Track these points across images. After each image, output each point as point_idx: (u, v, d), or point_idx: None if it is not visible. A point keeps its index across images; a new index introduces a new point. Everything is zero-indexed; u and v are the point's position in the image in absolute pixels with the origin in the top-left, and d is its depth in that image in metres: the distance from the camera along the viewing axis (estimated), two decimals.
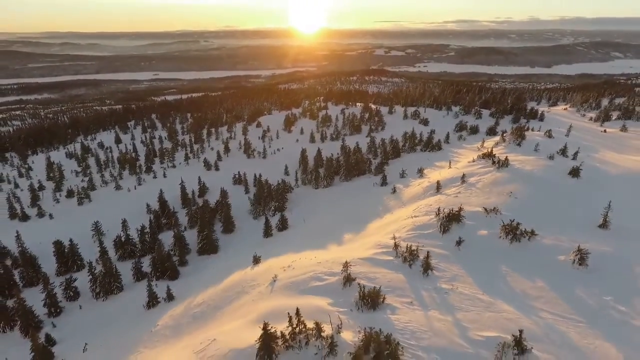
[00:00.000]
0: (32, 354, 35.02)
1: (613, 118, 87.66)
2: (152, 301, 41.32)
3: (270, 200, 66.99)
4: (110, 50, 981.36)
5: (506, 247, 31.65)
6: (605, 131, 76.81)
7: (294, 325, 21.49)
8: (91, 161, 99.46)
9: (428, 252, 29.48)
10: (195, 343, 25.46)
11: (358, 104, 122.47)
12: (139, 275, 50.48)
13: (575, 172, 45.96)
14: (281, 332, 21.20)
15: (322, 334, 20.90)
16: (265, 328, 20.90)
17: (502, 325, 21.47)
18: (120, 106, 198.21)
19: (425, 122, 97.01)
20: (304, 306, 22.79)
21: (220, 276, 39.91)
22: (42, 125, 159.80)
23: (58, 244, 54.72)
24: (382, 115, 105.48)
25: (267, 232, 55.63)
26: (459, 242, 32.55)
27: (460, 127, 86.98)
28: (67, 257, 54.99)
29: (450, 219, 35.60)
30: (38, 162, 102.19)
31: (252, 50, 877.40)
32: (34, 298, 45.38)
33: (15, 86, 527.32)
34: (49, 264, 55.09)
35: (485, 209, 37.01)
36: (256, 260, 39.88)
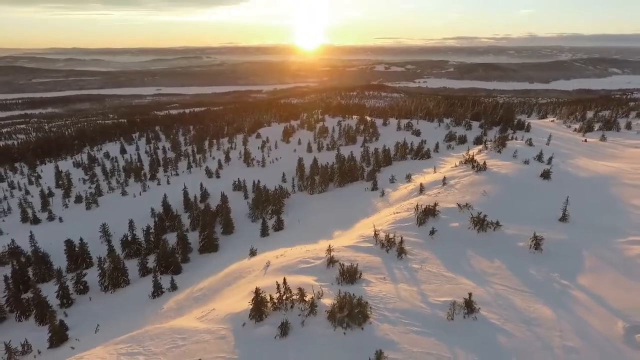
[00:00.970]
0: (50, 334, 38.89)
1: (595, 129, 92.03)
2: (157, 291, 45.06)
3: (267, 204, 71.01)
4: (114, 66, 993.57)
5: (473, 236, 35.68)
6: (585, 141, 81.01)
7: (282, 292, 25.59)
8: (97, 170, 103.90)
9: (402, 237, 33.60)
10: (197, 313, 29.40)
11: (354, 116, 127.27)
12: (144, 271, 54.30)
13: (546, 175, 50.16)
14: (270, 296, 25.35)
15: (305, 298, 25.06)
16: (256, 292, 24.99)
17: (459, 294, 25.34)
18: (124, 120, 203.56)
19: (417, 133, 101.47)
20: (292, 282, 26.84)
21: (220, 269, 43.85)
22: (50, 136, 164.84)
23: (69, 243, 58.63)
24: (376, 127, 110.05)
25: (264, 232, 59.62)
26: (432, 232, 36.60)
27: (450, 138, 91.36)
28: (77, 255, 58.80)
29: (427, 213, 39.68)
30: (47, 171, 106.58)
31: (253, 66, 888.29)
32: (46, 293, 49.09)
33: (20, 101, 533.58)
34: (59, 263, 58.89)
35: (459, 205, 41.11)
36: (252, 253, 43.81)
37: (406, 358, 21.03)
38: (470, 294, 24.60)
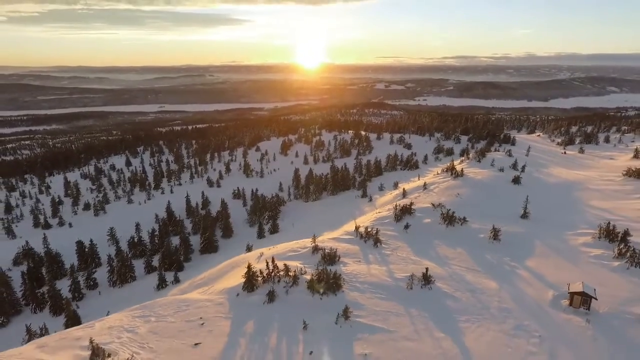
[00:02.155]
0: (65, 319, 43.43)
1: (576, 142, 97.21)
2: (162, 284, 49.60)
3: (264, 211, 75.76)
4: (119, 84, 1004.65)
5: (442, 230, 40.43)
6: (565, 153, 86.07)
7: (270, 269, 30.34)
8: (104, 181, 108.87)
9: (377, 229, 38.47)
10: (198, 291, 34.05)
11: (349, 131, 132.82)
12: (149, 268, 58.87)
13: (516, 180, 55.01)
14: (260, 270, 30.12)
15: (290, 274, 29.87)
16: (249, 268, 29.83)
17: (420, 271, 29.94)
18: (129, 135, 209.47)
19: (408, 146, 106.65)
20: (281, 266, 31.38)
21: (219, 264, 48.45)
22: (58, 150, 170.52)
23: (79, 244, 63.30)
24: (370, 141, 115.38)
25: (260, 234, 64.32)
26: (406, 227, 41.38)
27: (438, 150, 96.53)
28: (87, 255, 63.38)
29: (404, 212, 44.49)
30: (55, 182, 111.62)
31: (255, 84, 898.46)
32: (59, 288, 53.66)
33: (24, 117, 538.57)
34: (70, 263, 63.30)
35: (433, 205, 45.91)
36: (248, 249, 48.56)
37: (369, 314, 25.63)
38: (427, 269, 29.42)
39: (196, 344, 22.85)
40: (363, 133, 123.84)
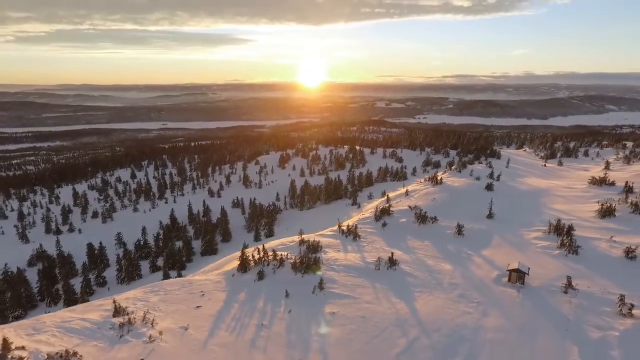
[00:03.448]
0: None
1: (558, 156, 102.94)
2: (166, 279, 54.68)
3: (262, 218, 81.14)
4: (122, 102, 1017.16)
5: (415, 227, 45.83)
6: (545, 165, 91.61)
7: (261, 255, 35.71)
8: (110, 192, 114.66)
9: (356, 225, 43.96)
10: (200, 275, 39.34)
11: (345, 146, 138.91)
12: (154, 268, 64.06)
13: (489, 187, 60.45)
14: (252, 255, 35.50)
15: (277, 257, 35.20)
16: (243, 252, 35.28)
17: (388, 257, 35.23)
18: (134, 150, 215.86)
19: (400, 160, 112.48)
20: (270, 252, 36.71)
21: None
22: (66, 163, 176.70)
23: (90, 246, 68.64)
24: (364, 155, 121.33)
25: (257, 237, 69.63)
26: (384, 225, 46.82)
27: (427, 163, 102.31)
28: (97, 256, 68.66)
29: (383, 213, 49.92)
30: (64, 193, 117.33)
31: (257, 102, 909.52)
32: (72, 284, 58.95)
33: (29, 134, 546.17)
34: (80, 264, 68.83)
35: (410, 207, 51.31)
36: (245, 247, 53.64)
37: (340, 286, 30.88)
38: (392, 254, 34.89)
39: (197, 307, 28.16)
40: (358, 148, 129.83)
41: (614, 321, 25.46)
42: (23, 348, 20.94)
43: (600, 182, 62.41)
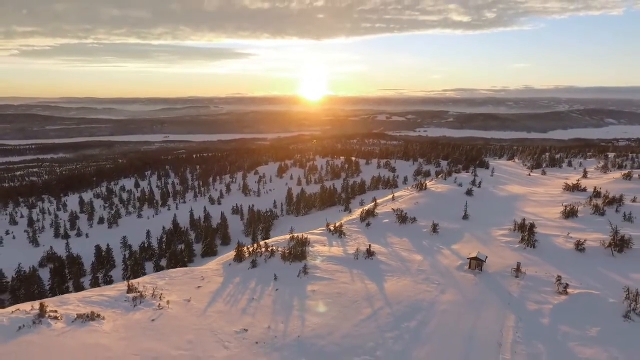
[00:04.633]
0: None
1: (543, 166, 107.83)
2: None
3: (259, 223, 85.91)
4: (125, 115, 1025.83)
5: (396, 227, 50.56)
6: (529, 174, 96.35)
7: (254, 247, 40.47)
8: (115, 200, 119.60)
9: (341, 223, 48.68)
10: (200, 267, 44.01)
11: (341, 157, 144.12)
12: (157, 268, 68.53)
13: (469, 192, 65.25)
14: (246, 247, 40.25)
15: (268, 249, 39.92)
16: (238, 244, 40.07)
17: (366, 248, 39.94)
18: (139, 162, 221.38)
19: (393, 170, 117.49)
20: (263, 245, 41.49)
21: None
22: (71, 173, 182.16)
23: (97, 248, 73.34)
24: (359, 165, 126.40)
25: (254, 240, 74.23)
26: (368, 224, 51.59)
27: (418, 172, 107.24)
28: (104, 258, 73.34)
29: (368, 214, 54.69)
30: (71, 200, 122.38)
31: (259, 115, 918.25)
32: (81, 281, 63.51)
33: (32, 146, 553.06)
34: (87, 266, 73.48)
35: (393, 209, 56.07)
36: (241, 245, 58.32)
37: (322, 272, 35.54)
38: (370, 245, 39.64)
39: (198, 287, 32.88)
40: (353, 158, 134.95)
41: (551, 297, 30.05)
42: (55, 311, 25.74)
43: (573, 188, 67.17)
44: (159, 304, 28.01)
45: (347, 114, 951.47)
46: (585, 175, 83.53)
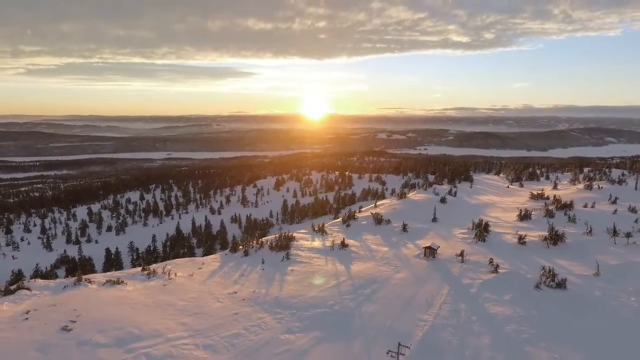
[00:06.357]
0: None
1: (523, 180, 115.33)
2: None
3: (256, 230, 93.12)
4: (128, 132, 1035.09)
5: (373, 227, 57.88)
6: (508, 187, 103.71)
7: (247, 240, 47.89)
8: (122, 211, 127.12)
9: (325, 225, 56.16)
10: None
11: (336, 172, 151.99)
12: None
13: (443, 200, 72.66)
14: (240, 240, 47.70)
15: (259, 242, 47.37)
16: (234, 239, 47.64)
17: (341, 241, 47.31)
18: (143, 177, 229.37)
19: (383, 183, 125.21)
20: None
21: None
22: (80, 187, 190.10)
23: (107, 251, 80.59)
24: (352, 179, 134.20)
25: None
26: (348, 225, 58.97)
27: (405, 185, 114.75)
28: (113, 260, 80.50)
29: (349, 218, 62.09)
30: (80, 212, 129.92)
31: (260, 133, 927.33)
32: None
33: (37, 163, 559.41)
34: (98, 267, 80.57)
35: (372, 213, 63.44)
36: None
37: (302, 258, 42.86)
38: (344, 238, 46.98)
39: (199, 268, 40.24)
40: (347, 173, 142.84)
41: (484, 275, 37.14)
42: (89, 279, 33.14)
43: (538, 197, 74.46)
44: (169, 276, 35.44)
45: (348, 132, 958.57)
46: (555, 187, 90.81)
